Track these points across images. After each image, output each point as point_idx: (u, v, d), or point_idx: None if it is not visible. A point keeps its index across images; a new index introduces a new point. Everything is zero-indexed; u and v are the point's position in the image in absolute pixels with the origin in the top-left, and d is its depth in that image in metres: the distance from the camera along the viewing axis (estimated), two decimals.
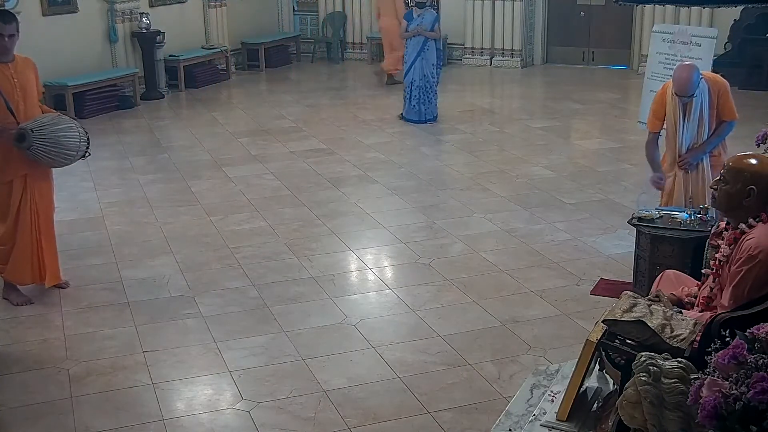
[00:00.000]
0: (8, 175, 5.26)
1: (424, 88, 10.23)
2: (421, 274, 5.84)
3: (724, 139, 5.55)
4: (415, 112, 10.32)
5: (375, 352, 4.74)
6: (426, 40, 10.17)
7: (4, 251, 5.37)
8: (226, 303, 5.42)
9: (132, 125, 10.69)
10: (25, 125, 5.13)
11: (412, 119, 10.32)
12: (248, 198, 7.59)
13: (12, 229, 5.34)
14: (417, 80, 10.21)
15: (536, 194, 7.57)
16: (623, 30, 13.84)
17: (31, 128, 5.13)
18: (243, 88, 13.32)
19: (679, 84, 5.31)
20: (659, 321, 3.09)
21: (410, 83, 10.26)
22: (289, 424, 4.06)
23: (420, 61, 10.19)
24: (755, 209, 3.30)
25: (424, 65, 10.20)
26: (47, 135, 5.19)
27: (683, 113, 5.41)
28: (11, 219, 5.32)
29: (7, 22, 5.17)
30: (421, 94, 10.25)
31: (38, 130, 5.15)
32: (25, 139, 5.11)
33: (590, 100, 11.82)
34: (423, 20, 10.17)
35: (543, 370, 3.92)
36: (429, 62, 10.23)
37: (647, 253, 5.09)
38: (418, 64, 10.20)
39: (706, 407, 2.34)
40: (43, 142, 5.17)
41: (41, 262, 5.47)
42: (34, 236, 5.40)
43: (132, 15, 12.02)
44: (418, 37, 10.14)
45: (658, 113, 5.60)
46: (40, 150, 5.17)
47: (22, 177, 5.29)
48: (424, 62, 10.20)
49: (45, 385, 4.45)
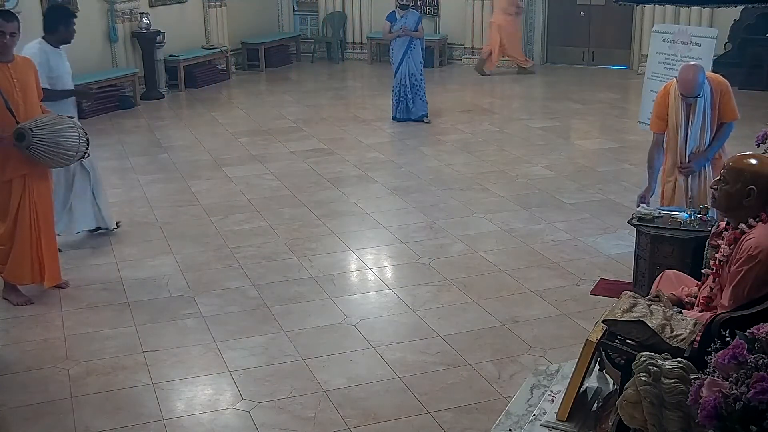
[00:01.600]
0: (8, 175, 5.26)
1: (412, 87, 10.39)
2: (421, 274, 5.84)
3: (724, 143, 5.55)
4: (406, 110, 10.45)
5: (375, 352, 4.74)
6: (411, 40, 10.36)
7: (3, 251, 5.37)
8: (226, 303, 5.42)
9: (132, 125, 10.69)
10: (24, 125, 5.13)
11: (403, 118, 10.45)
12: (248, 198, 7.59)
13: (11, 229, 5.33)
14: (405, 80, 10.36)
15: (536, 194, 7.57)
16: (623, 30, 13.84)
17: (31, 128, 5.12)
18: (243, 88, 13.32)
19: (684, 85, 5.31)
20: (659, 321, 3.09)
21: (398, 83, 10.41)
22: (289, 424, 4.06)
23: (407, 60, 10.38)
24: (755, 209, 3.30)
25: (410, 64, 10.38)
26: (47, 135, 5.19)
27: (686, 115, 5.41)
28: (10, 219, 5.32)
29: (8, 20, 5.18)
30: (409, 93, 10.40)
31: (38, 129, 5.15)
32: (24, 139, 5.10)
33: (590, 100, 11.82)
34: (407, 21, 10.38)
35: (543, 370, 3.92)
36: (416, 60, 10.42)
37: (647, 253, 5.09)
38: (405, 64, 10.37)
39: (706, 407, 2.34)
40: (42, 142, 5.17)
41: (41, 262, 5.46)
42: (34, 236, 5.39)
43: (132, 15, 12.03)
44: (404, 37, 10.34)
45: (660, 114, 5.59)
46: (39, 150, 5.17)
47: (21, 177, 5.29)
48: (411, 61, 10.38)
49: (45, 385, 4.44)
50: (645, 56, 11.23)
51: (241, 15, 14.61)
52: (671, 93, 5.49)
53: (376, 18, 15.18)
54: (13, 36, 5.18)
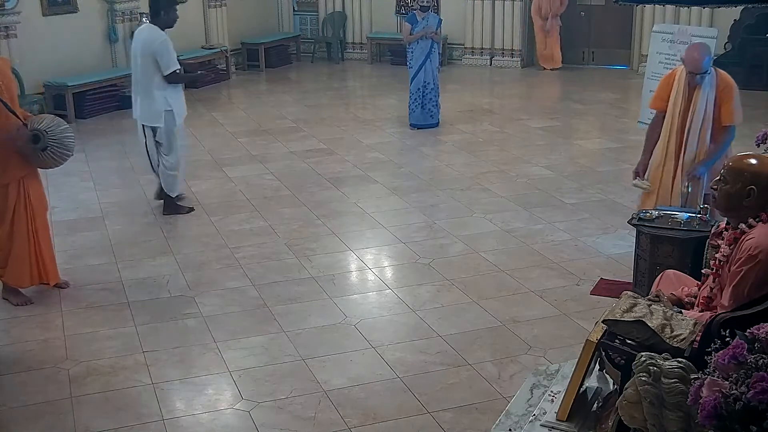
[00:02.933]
0: (7, 179, 5.22)
1: (434, 91, 10.14)
2: (421, 274, 5.84)
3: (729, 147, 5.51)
4: (428, 115, 10.16)
5: (375, 352, 4.74)
6: (432, 43, 10.11)
7: (1, 254, 5.33)
8: (226, 303, 5.42)
9: (132, 125, 10.61)
10: (36, 126, 5.14)
11: (423, 124, 10.14)
12: (248, 198, 7.59)
13: (8, 231, 5.29)
14: (429, 83, 10.09)
15: (536, 194, 7.57)
16: (623, 30, 13.84)
17: (44, 129, 5.15)
18: (243, 88, 13.32)
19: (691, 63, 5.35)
20: (659, 321, 3.09)
21: (422, 87, 10.08)
22: (289, 424, 4.06)
23: (429, 63, 10.11)
24: (755, 209, 3.30)
25: (432, 68, 10.13)
26: (56, 136, 5.23)
27: (688, 100, 5.42)
28: (7, 221, 5.28)
29: None
30: (433, 96, 10.15)
31: (50, 131, 5.18)
32: (39, 140, 5.12)
33: (590, 100, 11.82)
34: (428, 22, 10.13)
35: (543, 370, 3.92)
36: (435, 65, 10.20)
37: (647, 253, 5.09)
38: (428, 67, 10.10)
39: (706, 407, 2.34)
40: (54, 143, 5.20)
41: (40, 264, 5.44)
42: (32, 238, 5.37)
43: (132, 15, 12.03)
44: (426, 40, 10.06)
45: (662, 94, 5.63)
46: (50, 151, 5.18)
47: (18, 180, 5.26)
48: (431, 65, 10.13)
49: (45, 385, 4.45)
50: (645, 56, 11.23)
51: (241, 15, 14.61)
52: (677, 75, 5.53)
53: (376, 18, 15.20)
54: None
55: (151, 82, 6.79)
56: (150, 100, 6.84)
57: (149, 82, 6.81)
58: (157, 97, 6.82)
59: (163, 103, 6.84)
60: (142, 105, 6.93)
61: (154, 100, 6.83)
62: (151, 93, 6.82)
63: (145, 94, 6.87)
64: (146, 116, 6.95)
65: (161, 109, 6.86)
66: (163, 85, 6.80)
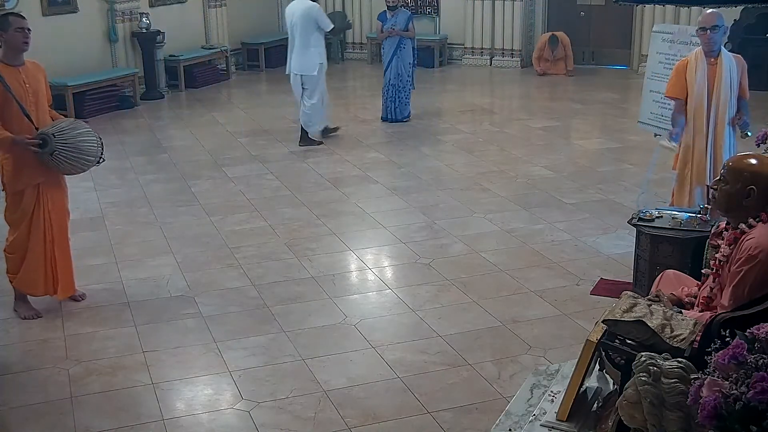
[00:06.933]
0: (22, 184, 5.09)
1: (398, 88, 10.34)
2: (421, 274, 5.84)
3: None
4: (394, 111, 10.42)
5: (375, 352, 4.74)
6: (401, 40, 10.30)
7: (15, 259, 5.23)
8: (226, 303, 5.42)
9: (132, 125, 10.69)
10: (45, 130, 5.00)
11: (391, 119, 10.43)
12: (248, 198, 7.59)
13: (24, 237, 5.18)
14: (393, 79, 10.32)
15: (536, 194, 7.57)
16: (623, 30, 13.85)
17: (53, 133, 4.99)
18: (243, 88, 13.32)
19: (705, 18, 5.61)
20: (659, 321, 3.09)
21: (387, 84, 10.38)
22: (289, 424, 4.07)
23: (396, 60, 10.33)
24: (755, 209, 3.30)
25: (399, 64, 10.32)
26: (69, 140, 5.05)
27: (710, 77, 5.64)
28: (24, 227, 5.17)
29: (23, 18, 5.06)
30: (395, 93, 10.37)
31: (59, 134, 5.02)
32: (47, 144, 4.96)
33: (590, 100, 11.82)
34: (396, 20, 10.33)
35: (543, 370, 3.92)
36: (405, 61, 10.34)
37: (647, 253, 5.09)
38: (395, 64, 10.33)
39: (706, 407, 2.34)
40: (65, 148, 5.03)
41: (54, 274, 5.30)
42: (48, 246, 5.24)
43: (132, 15, 12.03)
44: (394, 36, 10.29)
45: (677, 81, 5.79)
46: (61, 156, 5.02)
47: (35, 186, 5.13)
48: (400, 61, 10.32)
49: (45, 385, 4.45)
50: (645, 56, 11.23)
51: (241, 15, 14.61)
52: (690, 60, 5.74)
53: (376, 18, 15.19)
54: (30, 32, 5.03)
55: (309, 40, 9.04)
56: (308, 56, 9.10)
57: (307, 41, 9.05)
58: (313, 53, 9.11)
59: (318, 57, 9.15)
60: (301, 59, 9.13)
61: (311, 55, 9.09)
62: (309, 49, 9.09)
63: (304, 50, 9.10)
64: (304, 67, 9.15)
65: (317, 62, 9.16)
66: (319, 42, 9.13)
